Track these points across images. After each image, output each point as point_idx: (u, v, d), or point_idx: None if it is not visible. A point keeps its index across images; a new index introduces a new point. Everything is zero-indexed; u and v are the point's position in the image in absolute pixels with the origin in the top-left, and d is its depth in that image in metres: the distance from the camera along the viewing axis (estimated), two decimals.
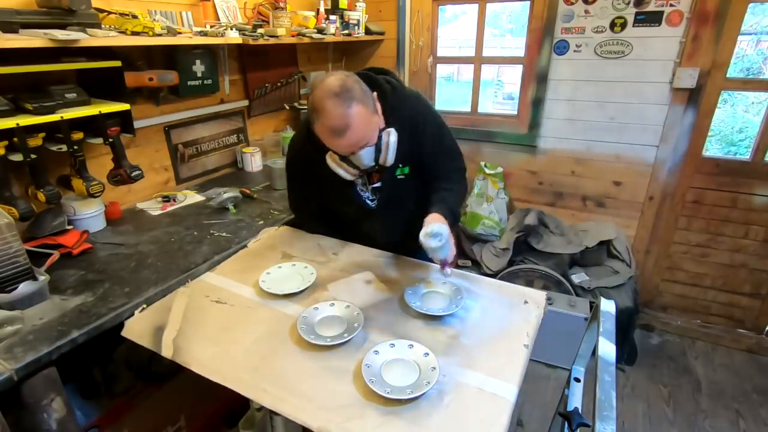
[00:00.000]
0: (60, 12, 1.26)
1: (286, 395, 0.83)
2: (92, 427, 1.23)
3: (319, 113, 1.06)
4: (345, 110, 1.04)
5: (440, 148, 1.30)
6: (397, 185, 1.32)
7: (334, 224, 1.48)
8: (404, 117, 1.23)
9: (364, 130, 1.10)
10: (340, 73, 1.10)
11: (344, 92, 1.05)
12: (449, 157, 1.33)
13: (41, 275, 1.14)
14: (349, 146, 1.12)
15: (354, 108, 1.05)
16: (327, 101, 1.04)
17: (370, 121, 1.11)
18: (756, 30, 4.77)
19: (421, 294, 1.14)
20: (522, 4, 2.53)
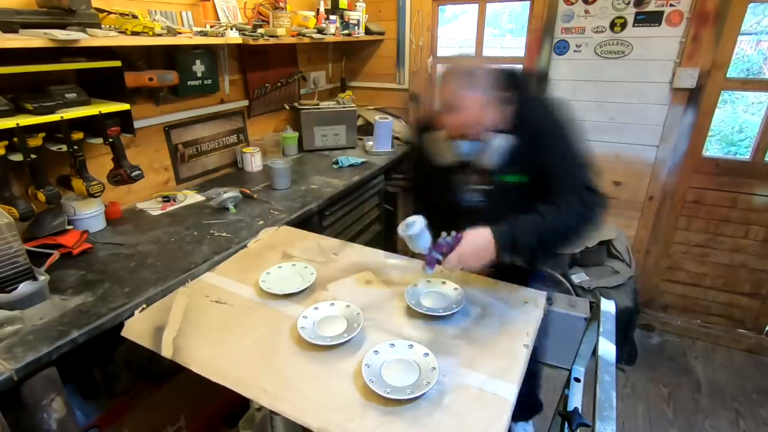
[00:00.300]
0: (60, 12, 1.26)
1: (286, 395, 0.83)
2: (92, 427, 1.23)
3: (442, 82, 1.12)
4: (461, 92, 1.09)
5: (560, 166, 1.14)
6: (507, 192, 1.21)
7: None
8: (533, 125, 1.15)
9: (471, 119, 1.10)
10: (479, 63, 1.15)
11: (471, 76, 1.09)
12: (568, 180, 1.13)
13: (41, 275, 1.14)
14: (451, 124, 1.14)
15: (471, 95, 1.08)
16: (453, 75, 1.11)
17: (479, 116, 1.11)
18: (756, 30, 4.76)
19: (421, 294, 1.14)
20: (522, 4, 2.53)
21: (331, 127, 2.56)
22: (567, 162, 1.14)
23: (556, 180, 1.13)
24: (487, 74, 1.10)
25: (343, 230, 2.16)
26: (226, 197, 1.71)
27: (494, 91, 1.11)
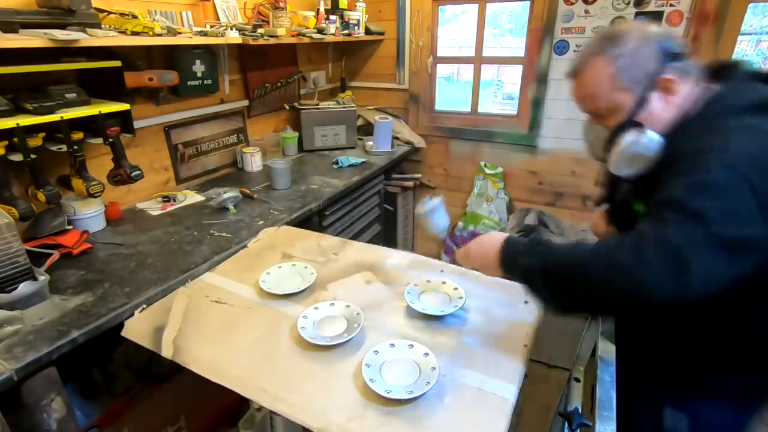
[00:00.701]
0: (60, 12, 1.26)
1: (286, 395, 0.83)
2: (92, 427, 1.23)
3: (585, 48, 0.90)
4: (589, 54, 0.87)
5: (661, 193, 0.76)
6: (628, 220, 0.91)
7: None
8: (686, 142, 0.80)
9: (591, 90, 0.87)
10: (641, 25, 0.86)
11: (609, 38, 0.85)
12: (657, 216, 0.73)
13: (41, 275, 1.14)
14: (574, 95, 0.93)
15: (597, 60, 0.85)
16: (594, 37, 0.89)
17: (607, 90, 0.85)
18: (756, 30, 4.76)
19: (421, 294, 1.14)
20: (522, 4, 2.53)
21: (331, 127, 2.56)
22: (666, 196, 0.74)
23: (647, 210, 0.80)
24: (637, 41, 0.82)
25: (343, 230, 2.17)
26: (226, 197, 1.71)
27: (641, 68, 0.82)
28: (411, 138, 2.77)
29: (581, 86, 0.90)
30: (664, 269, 0.67)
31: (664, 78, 0.82)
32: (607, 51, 0.84)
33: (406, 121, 2.93)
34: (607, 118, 0.89)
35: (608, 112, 0.88)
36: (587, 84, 0.88)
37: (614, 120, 0.87)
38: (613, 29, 0.86)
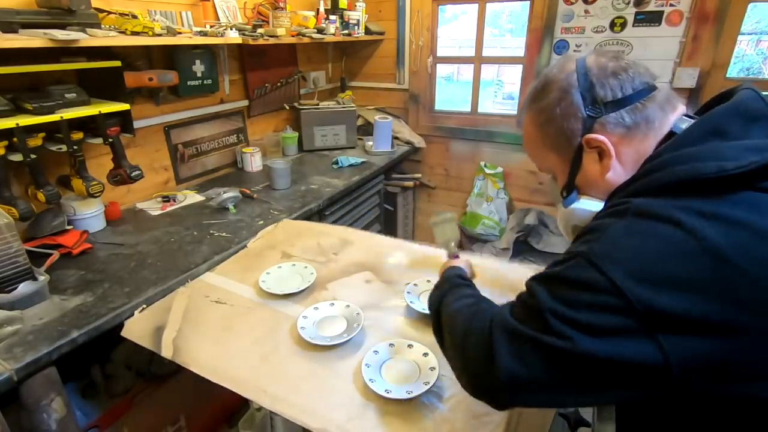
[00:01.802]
0: (60, 12, 1.26)
1: (286, 395, 0.83)
2: (92, 427, 1.23)
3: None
4: (525, 104, 0.75)
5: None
6: None
7: None
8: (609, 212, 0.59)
9: (527, 147, 0.78)
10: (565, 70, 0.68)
11: (537, 90, 0.72)
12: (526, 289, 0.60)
13: (41, 275, 1.14)
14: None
15: (527, 113, 0.74)
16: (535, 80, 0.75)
17: (535, 148, 0.75)
18: (756, 30, 4.76)
19: (421, 294, 1.14)
20: (522, 4, 2.53)
21: (331, 127, 2.56)
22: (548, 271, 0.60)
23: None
24: (560, 91, 0.67)
25: None
26: (226, 197, 1.71)
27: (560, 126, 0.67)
28: (411, 138, 2.77)
29: (524, 141, 0.79)
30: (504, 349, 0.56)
31: (591, 139, 0.64)
32: (532, 105, 0.72)
33: (406, 121, 2.93)
34: (555, 179, 0.76)
35: (549, 173, 0.78)
36: (524, 138, 0.77)
37: (559, 182, 0.75)
38: (546, 74, 0.71)
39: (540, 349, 0.52)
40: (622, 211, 0.56)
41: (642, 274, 0.49)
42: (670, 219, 0.51)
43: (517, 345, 0.55)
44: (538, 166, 0.79)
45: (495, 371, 0.55)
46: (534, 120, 0.72)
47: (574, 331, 0.50)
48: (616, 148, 0.64)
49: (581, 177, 0.70)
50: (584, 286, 0.52)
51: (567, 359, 0.51)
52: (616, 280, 0.49)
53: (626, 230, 0.53)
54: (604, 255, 0.52)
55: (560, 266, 0.57)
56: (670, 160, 0.57)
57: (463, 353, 0.62)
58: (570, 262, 0.55)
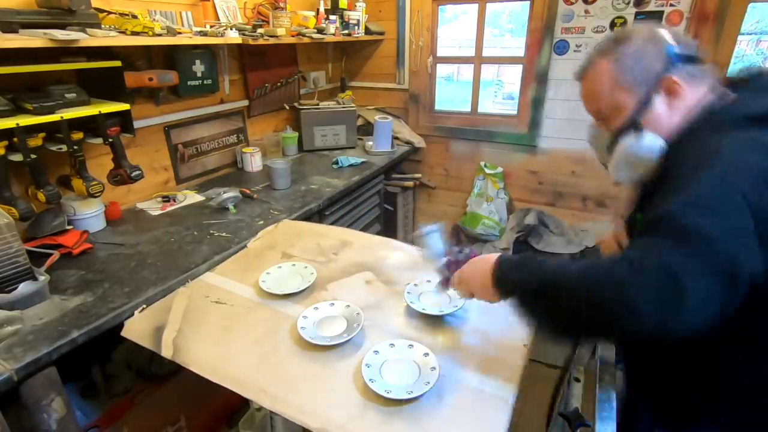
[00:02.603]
0: (60, 12, 1.26)
1: (286, 395, 0.83)
2: (92, 427, 1.23)
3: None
4: (595, 55, 0.86)
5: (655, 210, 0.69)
6: (635, 230, 0.86)
7: None
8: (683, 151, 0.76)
9: (594, 89, 0.86)
10: (648, 27, 0.84)
11: (614, 40, 0.84)
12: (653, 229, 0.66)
13: (41, 275, 1.14)
14: (582, 96, 0.91)
15: (602, 60, 0.84)
16: (605, 37, 0.88)
17: (609, 89, 0.83)
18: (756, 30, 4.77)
19: (421, 294, 1.14)
20: (522, 4, 2.53)
21: (331, 127, 2.56)
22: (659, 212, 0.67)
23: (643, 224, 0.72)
24: (642, 41, 0.80)
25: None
26: (226, 197, 1.71)
27: (643, 68, 0.80)
28: (411, 138, 2.77)
29: (586, 86, 0.88)
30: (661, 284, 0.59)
31: (668, 79, 0.79)
32: (612, 50, 0.83)
33: (406, 121, 2.93)
34: (609, 120, 0.86)
35: (611, 113, 0.85)
36: (591, 83, 0.87)
37: (617, 122, 0.84)
38: (623, 30, 0.86)
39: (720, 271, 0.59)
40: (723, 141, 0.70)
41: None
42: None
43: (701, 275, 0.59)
44: (597, 108, 0.87)
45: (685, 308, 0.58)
46: (616, 62, 0.82)
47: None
48: (684, 94, 0.79)
49: (647, 116, 0.81)
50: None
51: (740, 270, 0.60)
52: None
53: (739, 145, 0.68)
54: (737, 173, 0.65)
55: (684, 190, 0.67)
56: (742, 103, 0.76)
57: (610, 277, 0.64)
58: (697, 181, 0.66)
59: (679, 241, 0.62)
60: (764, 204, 0.62)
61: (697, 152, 0.72)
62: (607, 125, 0.87)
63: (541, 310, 0.74)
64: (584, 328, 0.71)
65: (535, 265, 0.75)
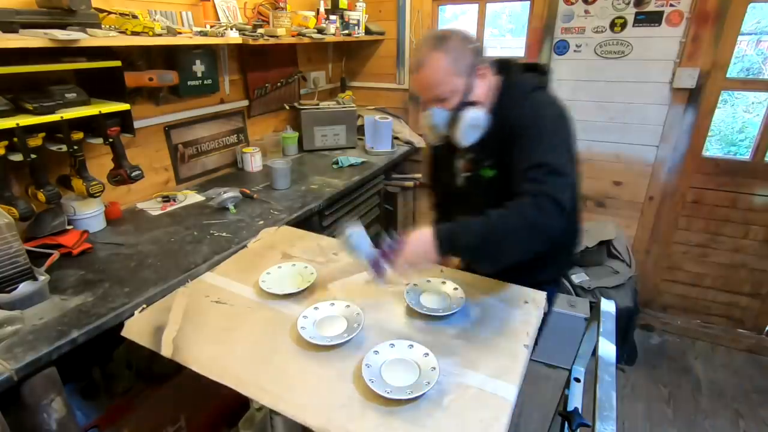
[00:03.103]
0: (60, 12, 1.26)
1: (286, 395, 0.83)
2: (92, 427, 1.23)
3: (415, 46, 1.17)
4: (427, 51, 1.08)
5: (529, 162, 1.01)
6: (481, 185, 1.20)
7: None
8: (510, 117, 1.09)
9: (435, 79, 1.08)
10: (457, 30, 1.13)
11: (439, 38, 1.09)
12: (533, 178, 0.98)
13: (41, 275, 1.14)
14: (419, 88, 1.14)
15: (435, 53, 1.07)
16: (424, 40, 1.12)
17: (446, 76, 1.08)
18: (756, 30, 4.76)
19: (421, 294, 1.14)
20: (522, 4, 2.53)
21: (331, 127, 2.56)
22: (531, 164, 1.00)
23: (516, 180, 1.02)
24: (456, 39, 1.08)
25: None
26: (226, 197, 1.71)
27: (464, 56, 1.08)
28: (411, 138, 2.77)
29: (426, 76, 1.09)
30: (556, 214, 0.94)
31: (481, 67, 1.11)
32: (441, 46, 1.07)
33: (406, 121, 2.92)
34: (448, 101, 1.11)
35: (449, 95, 1.10)
36: (431, 73, 1.08)
37: (453, 102, 1.11)
38: (437, 32, 1.12)
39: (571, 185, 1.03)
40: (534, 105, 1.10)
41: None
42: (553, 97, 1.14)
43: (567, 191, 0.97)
44: (437, 93, 1.10)
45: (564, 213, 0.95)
46: (447, 54, 1.07)
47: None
48: (489, 77, 1.14)
49: (473, 95, 1.11)
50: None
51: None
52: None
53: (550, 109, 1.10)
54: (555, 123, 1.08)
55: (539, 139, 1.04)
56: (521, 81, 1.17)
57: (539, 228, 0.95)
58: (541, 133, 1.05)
59: (553, 180, 0.96)
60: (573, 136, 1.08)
61: (525, 115, 1.07)
62: (445, 105, 1.12)
63: (484, 255, 0.99)
64: (516, 256, 0.98)
65: (471, 228, 0.98)
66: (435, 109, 1.14)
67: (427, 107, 1.17)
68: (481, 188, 1.21)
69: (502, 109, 1.13)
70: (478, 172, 1.20)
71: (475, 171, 1.22)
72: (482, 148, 1.16)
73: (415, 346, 0.94)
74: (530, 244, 0.96)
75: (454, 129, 1.12)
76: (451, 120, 1.12)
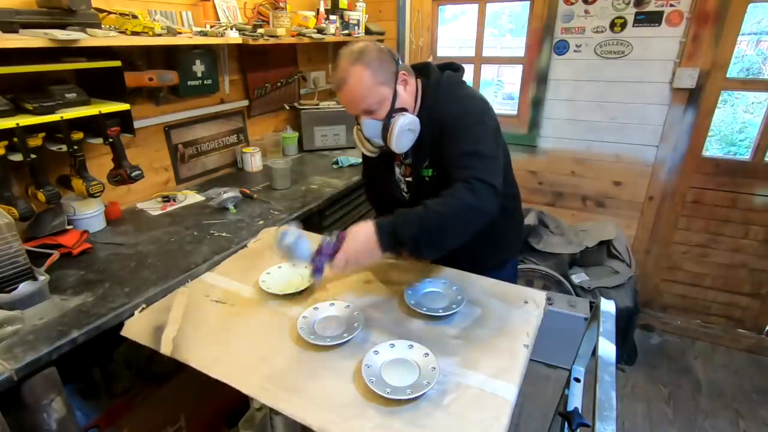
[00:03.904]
0: (60, 12, 1.26)
1: (287, 395, 0.83)
2: (92, 427, 1.23)
3: (335, 63, 1.16)
4: (348, 66, 1.10)
5: (459, 151, 1.09)
6: (424, 186, 1.26)
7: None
8: (438, 115, 1.16)
9: (360, 92, 1.11)
10: (370, 42, 1.16)
11: (357, 53, 1.11)
12: (465, 165, 1.06)
13: (41, 275, 1.14)
14: (346, 103, 1.17)
15: (356, 67, 1.09)
16: (341, 57, 1.13)
17: (371, 88, 1.11)
18: (756, 30, 4.76)
19: (421, 294, 1.14)
20: (522, 4, 2.53)
21: (331, 127, 2.56)
22: (461, 153, 1.09)
23: (450, 171, 1.09)
24: (375, 50, 1.12)
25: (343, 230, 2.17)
26: (226, 197, 1.71)
27: (385, 67, 1.12)
28: None
29: (351, 91, 1.12)
30: (490, 195, 1.02)
31: (401, 73, 1.16)
32: (360, 60, 1.09)
33: None
34: (377, 111, 1.14)
35: (377, 106, 1.13)
36: (355, 87, 1.11)
37: (383, 112, 1.14)
38: (353, 46, 1.12)
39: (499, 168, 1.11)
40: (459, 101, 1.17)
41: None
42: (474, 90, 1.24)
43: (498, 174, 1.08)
44: (366, 105, 1.14)
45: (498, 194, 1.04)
46: (368, 66, 1.09)
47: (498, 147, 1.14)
48: (411, 81, 1.19)
49: (399, 101, 1.15)
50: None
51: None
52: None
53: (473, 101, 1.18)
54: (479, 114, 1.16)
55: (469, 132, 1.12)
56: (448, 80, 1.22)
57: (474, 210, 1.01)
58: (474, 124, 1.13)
59: (483, 165, 1.05)
60: (498, 126, 1.17)
61: (453, 111, 1.14)
62: (376, 116, 1.15)
63: (427, 243, 1.01)
64: (458, 240, 1.03)
65: (412, 218, 1.01)
66: (366, 121, 1.16)
67: (358, 121, 1.20)
68: (425, 189, 1.24)
69: (430, 109, 1.18)
70: (420, 174, 1.25)
71: (416, 173, 1.26)
72: (419, 150, 1.21)
73: (415, 346, 0.94)
74: (468, 226, 1.03)
75: (389, 137, 1.15)
76: (383, 129, 1.15)
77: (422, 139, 1.19)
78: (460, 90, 1.21)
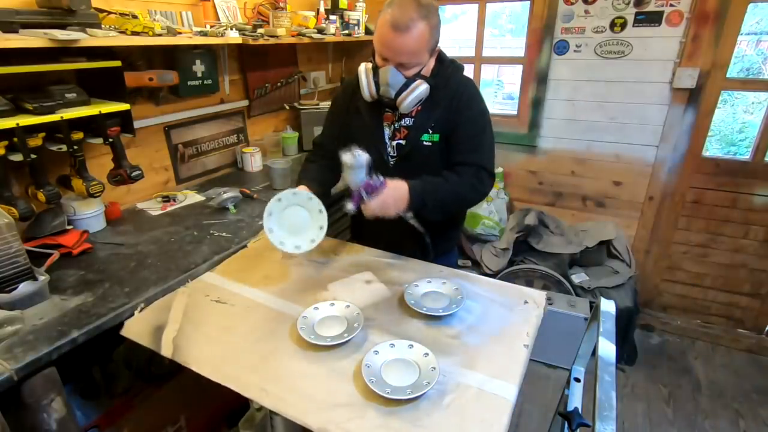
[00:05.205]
0: (60, 12, 1.26)
1: (286, 395, 0.83)
2: (92, 427, 1.23)
3: (395, 4, 1.11)
4: (416, 16, 1.10)
5: (471, 133, 1.25)
6: (421, 150, 1.28)
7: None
8: (453, 88, 1.25)
9: (414, 47, 1.13)
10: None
11: (426, 8, 1.12)
12: (474, 149, 1.25)
13: (41, 275, 1.14)
14: (390, 47, 1.14)
15: (423, 23, 1.11)
16: (412, 2, 1.11)
17: (423, 48, 1.14)
18: (756, 30, 4.76)
19: (421, 294, 1.14)
20: (522, 4, 2.53)
21: None
22: (475, 135, 1.25)
23: (461, 147, 1.25)
24: (438, 15, 1.16)
25: (343, 230, 2.16)
26: (226, 197, 1.71)
27: (437, 33, 1.17)
28: None
29: (407, 42, 1.12)
30: (490, 182, 1.26)
31: (438, 48, 1.23)
32: (428, 17, 1.11)
33: None
34: (410, 69, 1.18)
35: (415, 65, 1.18)
36: (413, 41, 1.12)
37: (413, 71, 1.19)
38: (426, 3, 1.13)
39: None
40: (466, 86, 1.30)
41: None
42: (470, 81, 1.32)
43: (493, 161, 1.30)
44: (407, 58, 1.15)
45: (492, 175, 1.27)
46: (432, 28, 1.14)
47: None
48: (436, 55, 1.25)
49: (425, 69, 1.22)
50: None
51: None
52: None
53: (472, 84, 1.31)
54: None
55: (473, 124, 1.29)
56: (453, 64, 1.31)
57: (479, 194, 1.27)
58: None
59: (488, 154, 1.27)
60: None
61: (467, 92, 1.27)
62: (405, 72, 1.18)
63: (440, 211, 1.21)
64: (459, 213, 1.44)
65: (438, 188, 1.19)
66: (393, 69, 1.17)
67: (385, 64, 1.19)
68: (418, 156, 1.29)
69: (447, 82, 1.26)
70: (419, 138, 1.28)
71: (414, 137, 1.28)
72: (427, 115, 1.26)
73: (415, 346, 0.94)
74: (469, 205, 1.35)
75: (404, 96, 1.18)
76: (404, 86, 1.18)
77: (433, 106, 1.24)
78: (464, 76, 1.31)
